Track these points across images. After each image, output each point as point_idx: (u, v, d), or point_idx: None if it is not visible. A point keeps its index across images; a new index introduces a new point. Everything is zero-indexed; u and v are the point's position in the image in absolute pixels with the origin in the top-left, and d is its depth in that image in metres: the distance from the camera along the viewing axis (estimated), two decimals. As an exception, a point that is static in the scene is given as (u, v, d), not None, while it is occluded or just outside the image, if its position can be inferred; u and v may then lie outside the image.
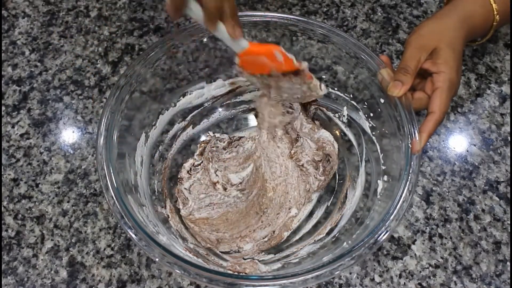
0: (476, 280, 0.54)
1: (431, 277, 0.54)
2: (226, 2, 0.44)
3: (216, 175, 0.57)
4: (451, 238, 0.56)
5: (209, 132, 0.64)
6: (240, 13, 0.56)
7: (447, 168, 0.61)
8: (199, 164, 0.60)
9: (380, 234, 0.43)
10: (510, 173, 0.60)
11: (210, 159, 0.59)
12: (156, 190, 0.57)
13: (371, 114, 0.55)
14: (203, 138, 0.63)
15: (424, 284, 0.54)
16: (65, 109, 0.66)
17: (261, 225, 0.57)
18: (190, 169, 0.61)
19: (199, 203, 0.57)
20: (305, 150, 0.59)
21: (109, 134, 0.48)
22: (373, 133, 0.56)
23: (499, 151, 0.62)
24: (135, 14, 0.75)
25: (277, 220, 0.58)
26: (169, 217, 0.55)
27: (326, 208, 0.58)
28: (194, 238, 0.56)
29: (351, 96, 0.58)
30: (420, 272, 0.54)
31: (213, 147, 0.62)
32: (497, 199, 0.59)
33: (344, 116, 0.60)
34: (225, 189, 0.56)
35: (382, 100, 0.52)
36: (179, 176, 0.60)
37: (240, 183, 0.56)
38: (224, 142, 0.63)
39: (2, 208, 0.58)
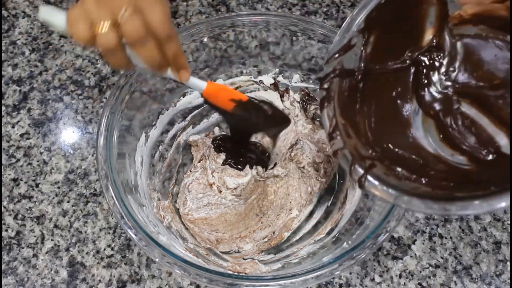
0: (476, 280, 0.54)
1: (431, 277, 0.54)
2: (167, 47, 0.40)
3: (213, 176, 0.56)
4: (451, 238, 0.56)
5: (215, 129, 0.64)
6: (240, 13, 0.57)
7: (447, 168, 0.61)
8: (199, 162, 0.60)
9: (380, 234, 0.43)
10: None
11: (207, 157, 0.59)
12: (156, 190, 0.57)
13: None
14: (202, 135, 0.63)
15: (424, 284, 0.53)
16: (65, 109, 0.66)
17: (261, 226, 0.57)
18: (191, 167, 0.60)
19: (197, 203, 0.57)
20: (306, 152, 0.58)
21: (109, 134, 0.48)
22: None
23: (499, 151, 0.62)
24: (135, 14, 0.75)
25: (277, 221, 0.58)
26: (164, 218, 0.54)
27: (326, 208, 0.58)
28: (194, 238, 0.56)
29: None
30: (420, 272, 0.54)
31: (211, 145, 0.61)
32: (497, 199, 0.58)
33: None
34: (220, 191, 0.56)
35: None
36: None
37: (235, 188, 0.55)
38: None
39: (2, 208, 0.58)
